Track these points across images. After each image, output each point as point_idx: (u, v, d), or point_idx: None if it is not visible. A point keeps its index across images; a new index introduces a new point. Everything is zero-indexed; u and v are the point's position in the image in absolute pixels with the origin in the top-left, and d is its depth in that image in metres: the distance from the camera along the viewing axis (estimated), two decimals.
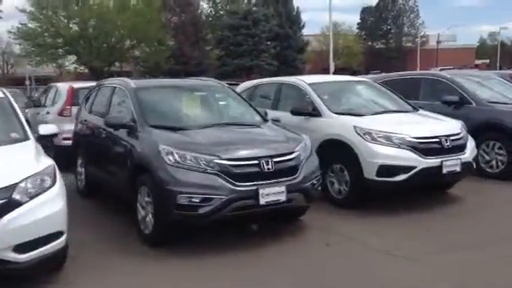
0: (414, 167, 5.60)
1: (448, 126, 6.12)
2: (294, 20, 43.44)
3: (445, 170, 5.70)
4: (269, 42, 41.07)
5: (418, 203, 6.12)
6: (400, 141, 5.69)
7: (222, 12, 47.05)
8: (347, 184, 5.94)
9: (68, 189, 6.99)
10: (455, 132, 5.99)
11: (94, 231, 5.36)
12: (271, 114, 7.10)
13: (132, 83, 5.62)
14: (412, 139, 5.69)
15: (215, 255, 4.50)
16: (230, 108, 5.94)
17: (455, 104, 7.85)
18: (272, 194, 4.50)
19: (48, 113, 9.18)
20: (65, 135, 7.96)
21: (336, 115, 6.29)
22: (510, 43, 71.98)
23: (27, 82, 34.97)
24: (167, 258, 4.49)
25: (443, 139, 5.78)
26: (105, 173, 5.75)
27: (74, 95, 8.59)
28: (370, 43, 59.38)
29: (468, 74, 9.30)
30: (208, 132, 4.97)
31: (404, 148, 5.66)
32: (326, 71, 31.40)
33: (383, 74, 9.98)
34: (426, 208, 5.95)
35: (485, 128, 7.41)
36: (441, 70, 30.64)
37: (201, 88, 6.02)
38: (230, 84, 10.05)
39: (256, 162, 4.51)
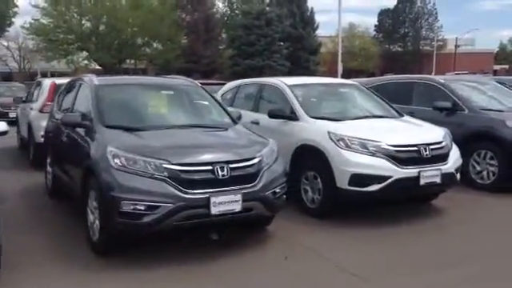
0: (389, 177, 5.26)
1: (429, 134, 5.76)
2: (307, 21, 42.97)
3: (422, 181, 5.34)
4: (281, 43, 40.72)
5: (397, 215, 5.78)
6: (375, 148, 5.35)
7: (237, 11, 46.94)
8: (320, 192, 5.65)
9: (39, 188, 7.01)
10: (436, 140, 5.63)
11: (51, 235, 5.14)
12: (251, 116, 6.88)
13: (95, 80, 5.39)
14: (388, 147, 5.35)
15: (161, 267, 4.21)
16: (197, 109, 5.65)
17: (447, 110, 7.48)
18: (226, 202, 4.21)
19: (31, 109, 9.05)
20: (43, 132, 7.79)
21: (312, 119, 5.98)
22: None
23: (38, 77, 35.21)
24: (113, 268, 4.21)
25: (422, 148, 5.42)
26: (65, 173, 5.54)
27: (55, 91, 8.41)
28: (387, 46, 58.70)
29: (465, 79, 8.88)
30: (166, 134, 4.71)
31: (379, 156, 5.33)
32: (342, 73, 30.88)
33: (378, 78, 9.61)
34: (404, 221, 5.60)
35: (476, 136, 7.04)
36: (455, 74, 30.18)
37: (169, 87, 5.75)
38: (214, 84, 9.89)
39: (209, 167, 4.23)
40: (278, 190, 4.68)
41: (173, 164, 4.13)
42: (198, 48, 38.03)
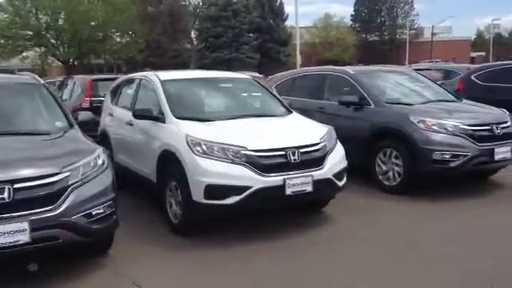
0: (248, 187, 4.46)
1: (304, 135, 4.94)
2: (277, 12, 42.14)
3: (289, 191, 4.55)
4: (250, 34, 39.88)
5: (275, 227, 5.03)
6: (234, 154, 4.55)
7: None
8: (181, 206, 4.84)
9: None
10: (310, 142, 4.81)
11: None
12: (128, 116, 6.03)
13: None
14: (248, 152, 4.54)
15: None
16: (24, 111, 4.73)
17: (354, 105, 6.70)
18: (5, 233, 3.37)
19: None
20: None
21: (177, 121, 5.16)
22: (507, 35, 70.31)
23: None
24: None
25: (290, 152, 4.62)
26: None
27: None
28: (363, 35, 58.14)
29: (382, 69, 8.11)
30: None
31: (238, 163, 4.52)
32: (319, 64, 30.11)
33: (293, 70, 8.83)
34: (279, 235, 4.83)
35: (381, 133, 6.29)
36: (429, 62, 29.48)
37: None
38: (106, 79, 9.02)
39: None
40: (97, 211, 3.85)
41: None
42: (163, 41, 36.96)
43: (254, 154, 4.55)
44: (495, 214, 5.42)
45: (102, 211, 3.90)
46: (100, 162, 4.09)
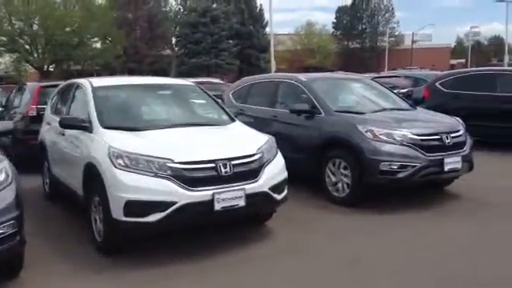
0: (173, 203, 4.12)
1: (240, 146, 4.59)
2: (256, 18, 42.01)
3: (218, 206, 4.21)
4: (230, 41, 39.63)
5: (207, 245, 4.66)
6: (159, 167, 4.20)
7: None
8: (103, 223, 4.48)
9: None
10: (245, 153, 4.47)
11: None
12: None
13: None
14: (174, 165, 4.19)
15: None
16: None
17: (304, 113, 6.41)
18: None
19: None
20: None
21: (104, 130, 4.79)
22: (486, 43, 71.23)
23: None
24: None
25: (220, 164, 4.28)
26: None
27: None
28: (345, 43, 58.37)
29: (335, 77, 7.86)
30: None
31: (163, 177, 4.17)
32: (300, 71, 29.78)
33: (249, 77, 8.51)
34: (209, 253, 4.47)
35: (330, 143, 6.02)
36: (406, 69, 29.56)
37: None
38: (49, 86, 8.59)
39: None
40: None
41: None
42: (141, 47, 36.49)
43: (180, 166, 4.21)
44: (446, 226, 5.16)
45: (1, 231, 3.53)
46: (2, 177, 3.71)
